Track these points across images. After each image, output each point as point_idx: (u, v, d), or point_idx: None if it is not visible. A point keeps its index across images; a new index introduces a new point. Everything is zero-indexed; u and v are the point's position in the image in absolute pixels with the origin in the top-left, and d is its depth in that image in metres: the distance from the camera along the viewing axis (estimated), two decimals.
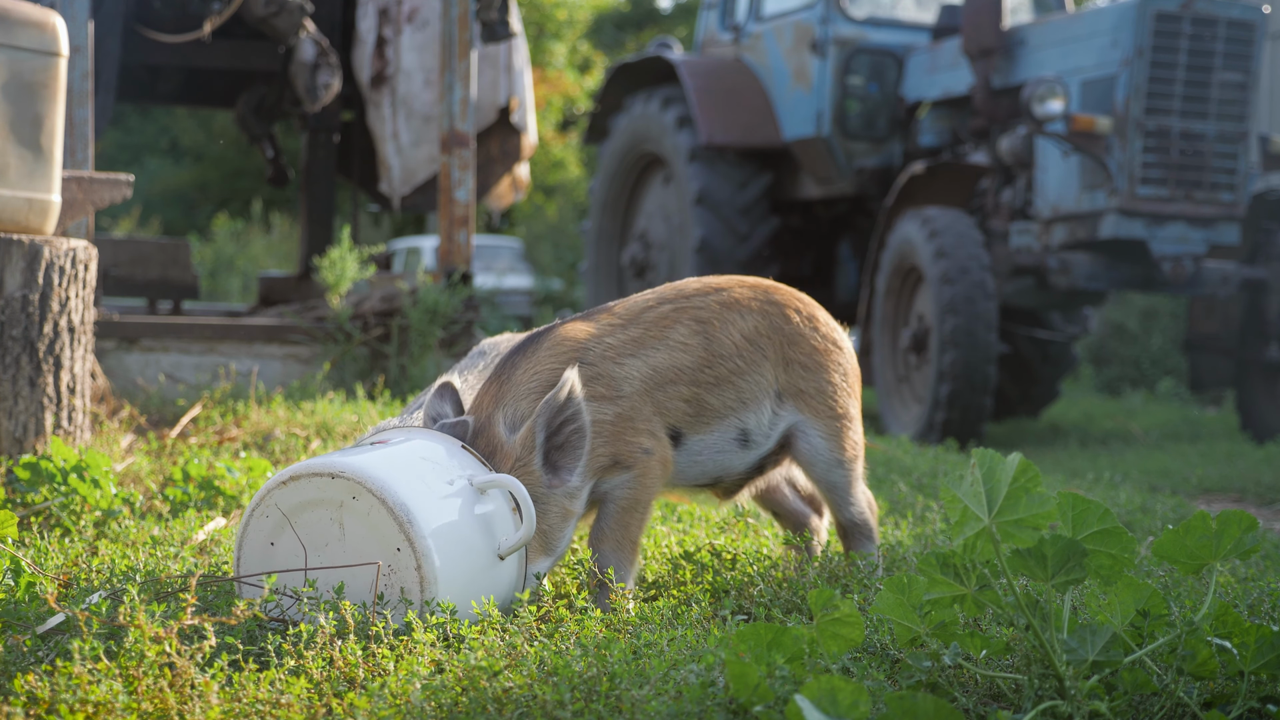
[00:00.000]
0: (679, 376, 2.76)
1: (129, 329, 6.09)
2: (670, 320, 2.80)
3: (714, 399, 2.80)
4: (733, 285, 2.92)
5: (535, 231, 23.40)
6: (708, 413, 2.80)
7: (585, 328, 2.75)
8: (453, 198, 6.62)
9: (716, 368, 2.80)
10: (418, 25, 7.66)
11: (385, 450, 2.49)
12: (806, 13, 9.10)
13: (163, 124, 28.07)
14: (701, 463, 2.84)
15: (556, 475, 2.61)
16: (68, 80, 4.87)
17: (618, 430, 2.69)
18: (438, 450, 2.52)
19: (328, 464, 2.41)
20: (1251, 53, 7.52)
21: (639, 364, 2.73)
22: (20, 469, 3.42)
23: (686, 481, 2.87)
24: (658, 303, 2.83)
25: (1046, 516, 2.03)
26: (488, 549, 2.46)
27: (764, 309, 2.90)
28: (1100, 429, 9.02)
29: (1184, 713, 2.06)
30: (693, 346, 2.79)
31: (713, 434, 2.82)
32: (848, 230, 9.59)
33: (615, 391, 2.69)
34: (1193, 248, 7.50)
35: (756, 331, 2.87)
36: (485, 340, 3.29)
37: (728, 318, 2.85)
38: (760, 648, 2.04)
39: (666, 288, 2.90)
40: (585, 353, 2.69)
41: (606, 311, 2.82)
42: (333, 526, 2.39)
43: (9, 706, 1.91)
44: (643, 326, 2.77)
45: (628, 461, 2.69)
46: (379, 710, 1.95)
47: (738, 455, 2.87)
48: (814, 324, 2.97)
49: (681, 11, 28.81)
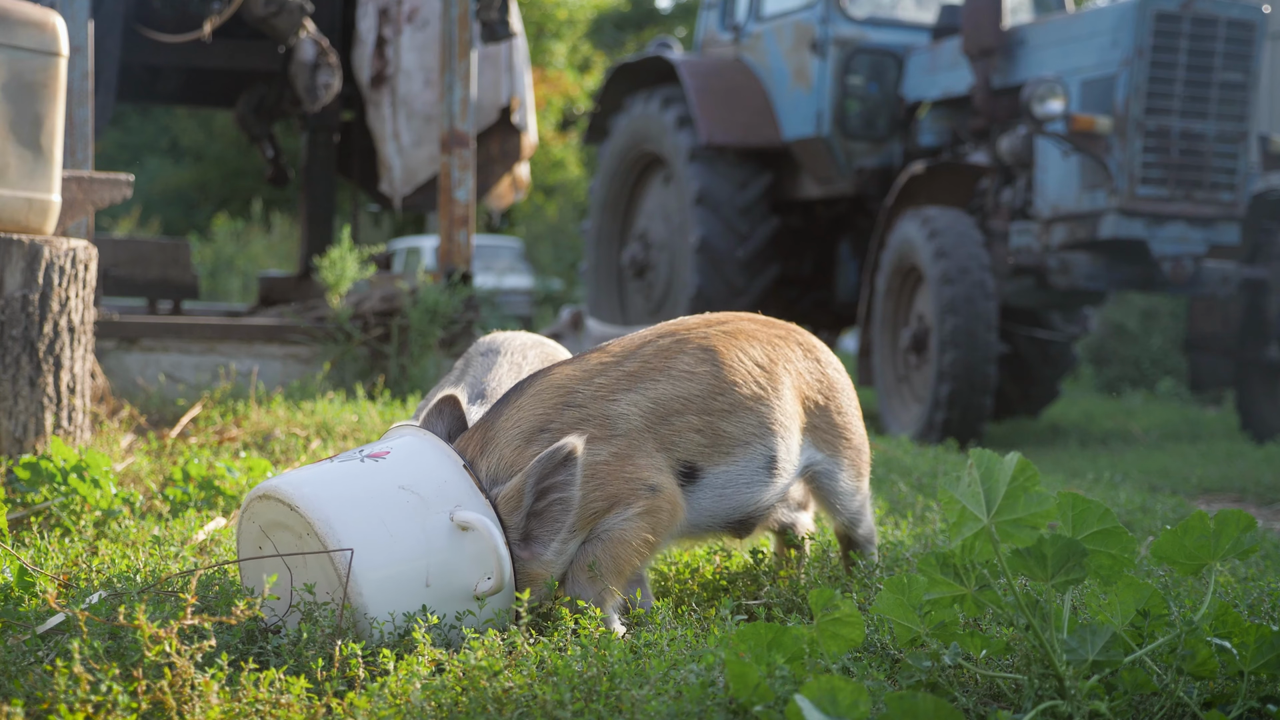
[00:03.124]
0: (686, 406, 2.56)
1: (129, 329, 6.09)
2: (672, 351, 2.61)
3: (731, 426, 2.60)
4: (735, 319, 2.77)
5: (535, 231, 23.41)
6: (726, 441, 2.59)
7: (572, 370, 2.55)
8: (453, 198, 6.62)
9: (730, 394, 2.60)
10: (418, 25, 7.66)
11: (361, 479, 2.39)
12: (806, 13, 9.10)
13: (163, 124, 28.07)
14: (729, 497, 2.63)
15: (528, 547, 2.40)
16: (68, 80, 4.87)
17: (614, 470, 2.46)
18: (428, 473, 2.40)
19: (291, 493, 2.35)
20: (1251, 53, 7.52)
21: (636, 398, 2.52)
22: (20, 469, 3.42)
23: (715, 522, 2.64)
24: (657, 337, 2.66)
25: (1045, 516, 2.03)
26: (460, 586, 2.34)
27: (772, 340, 2.75)
28: (1100, 429, 9.02)
29: (1184, 713, 2.06)
30: (700, 374, 2.59)
31: (736, 464, 2.61)
32: (848, 230, 9.59)
33: (609, 430, 2.48)
34: (1193, 248, 7.51)
35: (770, 360, 2.70)
36: (483, 339, 3.21)
37: (736, 344, 2.67)
38: (760, 648, 2.04)
39: (665, 325, 2.73)
40: (573, 395, 2.49)
41: (600, 350, 2.64)
42: (299, 547, 2.39)
43: (9, 706, 1.91)
44: (640, 360, 2.58)
45: (628, 499, 2.46)
46: (379, 710, 1.95)
47: (767, 486, 2.66)
48: (816, 355, 2.83)
49: (681, 11, 28.82)
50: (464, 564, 2.34)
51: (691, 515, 2.59)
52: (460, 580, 2.34)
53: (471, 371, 3.03)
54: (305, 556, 2.34)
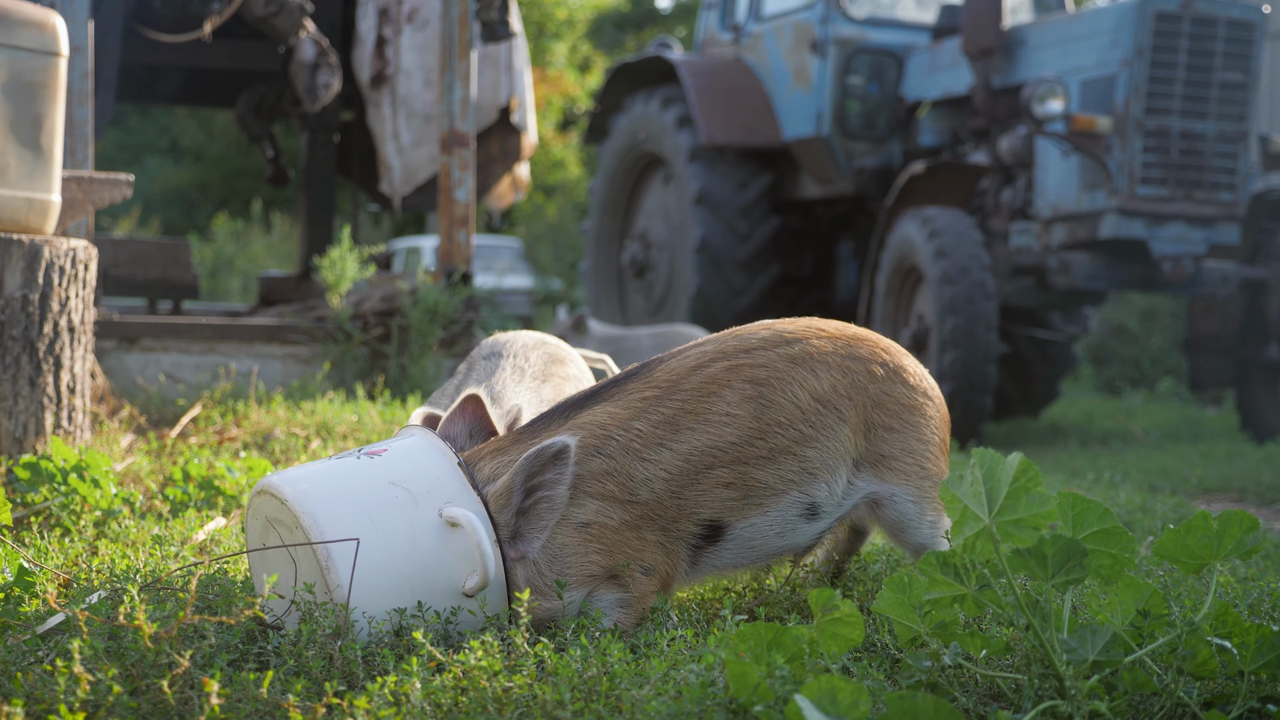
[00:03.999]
0: (718, 459, 2.40)
1: (129, 329, 6.09)
2: (718, 385, 2.43)
3: (767, 475, 2.43)
4: (809, 334, 2.54)
5: (535, 231, 23.41)
6: (759, 492, 2.44)
7: (614, 409, 2.41)
8: (453, 198, 6.62)
9: (772, 438, 2.43)
10: (418, 25, 7.66)
11: (353, 475, 2.40)
12: (806, 13, 9.10)
13: (163, 124, 28.07)
14: (757, 548, 2.49)
15: (516, 545, 2.35)
16: (68, 80, 4.87)
17: (621, 540, 2.37)
18: (422, 470, 2.39)
19: (283, 487, 2.36)
20: (1251, 53, 7.53)
21: (668, 457, 2.38)
22: (20, 469, 3.42)
23: (740, 569, 2.53)
24: (710, 360, 2.46)
25: (1047, 516, 2.03)
26: (448, 582, 2.33)
27: (845, 365, 2.51)
28: (1100, 429, 9.02)
29: (1184, 713, 2.06)
30: (740, 418, 2.42)
31: (768, 515, 2.46)
32: (848, 230, 9.59)
33: (629, 495, 2.37)
34: (1193, 248, 7.51)
35: (834, 391, 2.48)
36: (485, 342, 3.17)
37: (794, 376, 2.46)
38: (760, 648, 2.04)
39: (728, 336, 2.53)
40: (607, 442, 2.38)
41: (642, 379, 2.46)
42: (292, 541, 2.39)
43: (9, 706, 1.91)
44: (681, 398, 2.41)
45: (623, 580, 2.38)
46: (379, 710, 1.95)
47: (803, 530, 2.51)
48: (902, 377, 2.59)
49: (681, 11, 28.81)
50: (452, 560, 2.34)
51: (710, 570, 2.48)
52: (448, 576, 2.34)
53: (474, 375, 3.01)
54: (304, 553, 2.35)
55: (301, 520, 2.32)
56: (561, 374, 3.09)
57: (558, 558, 2.37)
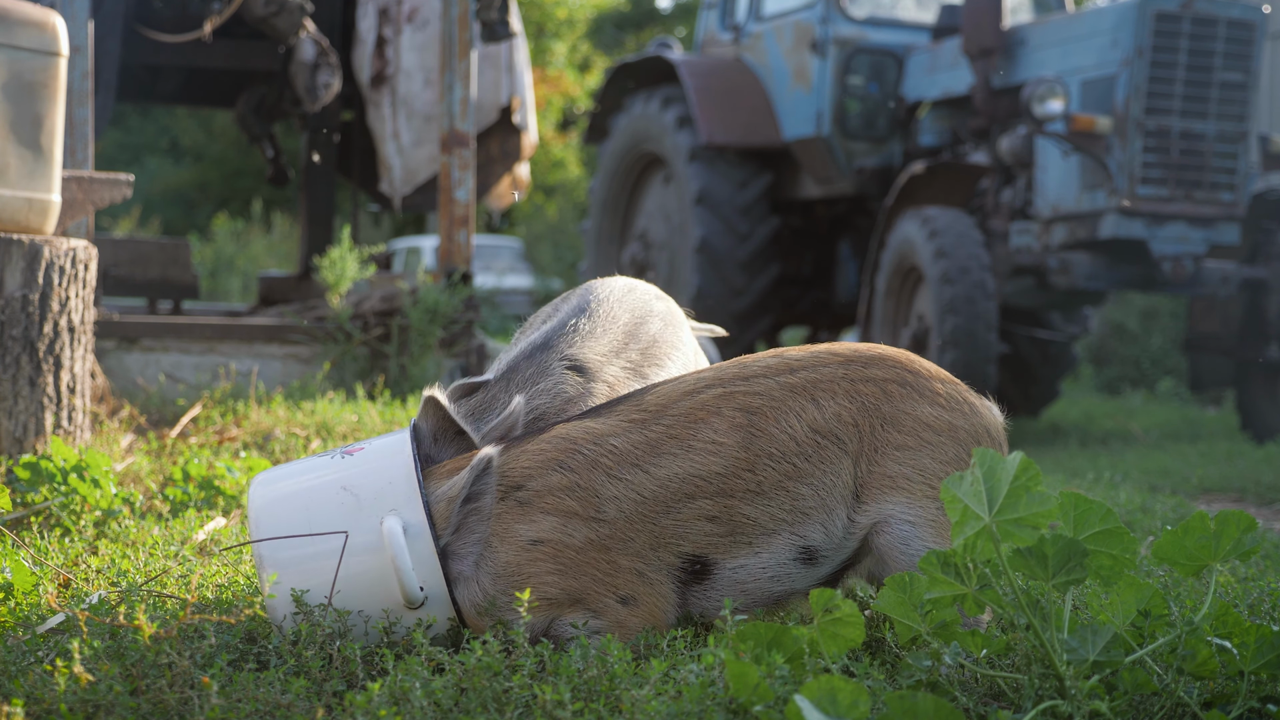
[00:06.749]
0: (699, 489, 2.26)
1: (129, 329, 6.09)
2: (707, 412, 2.30)
3: (754, 510, 2.29)
4: (817, 361, 2.38)
5: (535, 231, 23.41)
6: (747, 529, 2.29)
7: (594, 424, 2.31)
8: (453, 197, 6.62)
9: (760, 471, 2.28)
10: (418, 25, 7.66)
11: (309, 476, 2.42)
12: (806, 12, 9.10)
13: (163, 124, 28.07)
14: (751, 590, 2.33)
15: (450, 562, 2.26)
16: (68, 80, 4.87)
17: (585, 561, 2.22)
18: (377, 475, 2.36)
19: (252, 488, 2.43)
20: (1251, 53, 7.53)
21: (642, 479, 2.26)
22: (20, 469, 3.42)
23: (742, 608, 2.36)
24: (705, 386, 2.34)
25: (1047, 516, 2.03)
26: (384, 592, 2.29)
27: (854, 389, 2.35)
28: (1100, 429, 9.02)
29: (1184, 713, 2.06)
30: (726, 446, 2.28)
31: (759, 556, 2.30)
32: (848, 230, 9.59)
33: (594, 512, 2.23)
34: (1193, 248, 7.51)
35: (837, 419, 2.33)
36: (580, 287, 2.90)
37: (791, 405, 2.32)
38: (760, 648, 2.04)
39: (732, 363, 2.40)
40: (571, 456, 2.26)
41: (634, 401, 2.35)
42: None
43: (9, 706, 1.91)
44: (668, 423, 2.29)
45: (593, 606, 2.24)
46: (379, 710, 1.95)
47: (802, 576, 2.35)
48: (932, 393, 2.41)
49: (681, 11, 28.82)
50: (388, 569, 2.29)
51: (702, 611, 2.35)
52: (384, 586, 2.30)
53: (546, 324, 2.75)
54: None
55: (249, 520, 2.39)
56: (647, 335, 2.77)
57: (502, 576, 2.25)
